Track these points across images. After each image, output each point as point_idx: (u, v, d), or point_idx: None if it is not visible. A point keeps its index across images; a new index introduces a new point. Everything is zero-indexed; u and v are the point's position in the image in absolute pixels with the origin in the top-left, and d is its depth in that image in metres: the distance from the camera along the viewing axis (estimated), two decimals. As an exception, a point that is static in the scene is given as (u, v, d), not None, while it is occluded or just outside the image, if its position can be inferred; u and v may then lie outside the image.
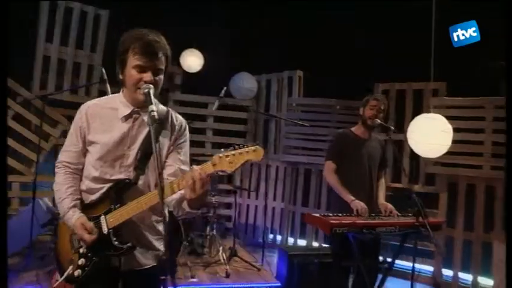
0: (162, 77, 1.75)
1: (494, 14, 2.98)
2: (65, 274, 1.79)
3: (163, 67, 1.74)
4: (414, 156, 4.68)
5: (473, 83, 4.39)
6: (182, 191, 1.62)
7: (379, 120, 3.13)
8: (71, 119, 2.03)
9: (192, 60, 6.02)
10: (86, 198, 1.83)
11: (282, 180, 5.99)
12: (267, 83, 6.34)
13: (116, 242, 1.72)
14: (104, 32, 5.11)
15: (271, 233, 6.03)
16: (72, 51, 5.04)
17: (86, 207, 1.80)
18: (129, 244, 1.72)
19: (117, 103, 1.82)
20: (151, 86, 1.67)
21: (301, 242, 5.71)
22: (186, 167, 1.83)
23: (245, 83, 6.17)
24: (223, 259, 4.06)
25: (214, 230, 4.46)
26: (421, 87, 4.81)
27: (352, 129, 3.34)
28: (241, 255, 4.48)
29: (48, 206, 4.18)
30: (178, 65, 6.00)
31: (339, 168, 3.20)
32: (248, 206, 6.17)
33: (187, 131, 1.92)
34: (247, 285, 3.95)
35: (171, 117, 1.88)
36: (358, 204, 2.96)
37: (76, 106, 1.93)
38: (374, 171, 3.26)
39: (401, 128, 4.73)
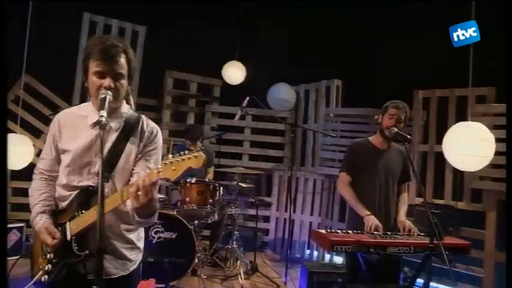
0: (124, 81, 1.73)
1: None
2: (34, 279, 1.81)
3: (123, 71, 1.72)
4: (458, 170, 4.22)
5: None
6: None
7: (396, 129, 2.85)
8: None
9: (234, 72, 5.99)
10: (59, 205, 1.85)
11: (319, 193, 5.75)
12: (305, 93, 6.17)
13: (76, 249, 1.71)
14: (141, 47, 5.25)
15: (308, 248, 5.79)
16: (110, 67, 5.27)
17: (57, 214, 1.82)
18: (86, 252, 1.70)
19: (87, 111, 1.83)
20: (109, 92, 1.65)
21: (338, 259, 5.41)
22: None
23: (283, 94, 6.04)
24: (240, 273, 3.93)
25: (235, 243, 4.37)
26: (465, 93, 4.35)
27: (370, 138, 3.08)
28: (265, 271, 4.32)
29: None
30: (217, 76, 6.04)
31: (354, 180, 2.96)
32: (285, 219, 5.99)
33: (158, 138, 1.87)
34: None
35: (142, 123, 1.85)
36: (370, 220, 2.70)
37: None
38: (392, 185, 2.96)
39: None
